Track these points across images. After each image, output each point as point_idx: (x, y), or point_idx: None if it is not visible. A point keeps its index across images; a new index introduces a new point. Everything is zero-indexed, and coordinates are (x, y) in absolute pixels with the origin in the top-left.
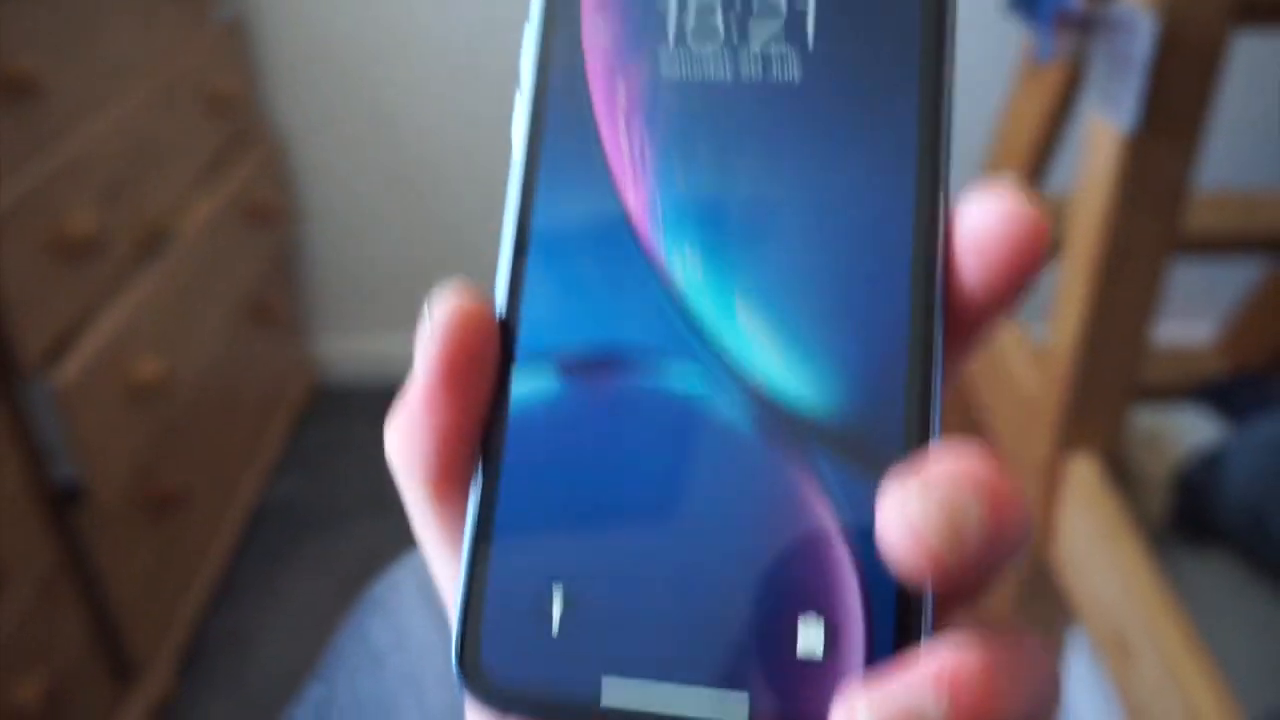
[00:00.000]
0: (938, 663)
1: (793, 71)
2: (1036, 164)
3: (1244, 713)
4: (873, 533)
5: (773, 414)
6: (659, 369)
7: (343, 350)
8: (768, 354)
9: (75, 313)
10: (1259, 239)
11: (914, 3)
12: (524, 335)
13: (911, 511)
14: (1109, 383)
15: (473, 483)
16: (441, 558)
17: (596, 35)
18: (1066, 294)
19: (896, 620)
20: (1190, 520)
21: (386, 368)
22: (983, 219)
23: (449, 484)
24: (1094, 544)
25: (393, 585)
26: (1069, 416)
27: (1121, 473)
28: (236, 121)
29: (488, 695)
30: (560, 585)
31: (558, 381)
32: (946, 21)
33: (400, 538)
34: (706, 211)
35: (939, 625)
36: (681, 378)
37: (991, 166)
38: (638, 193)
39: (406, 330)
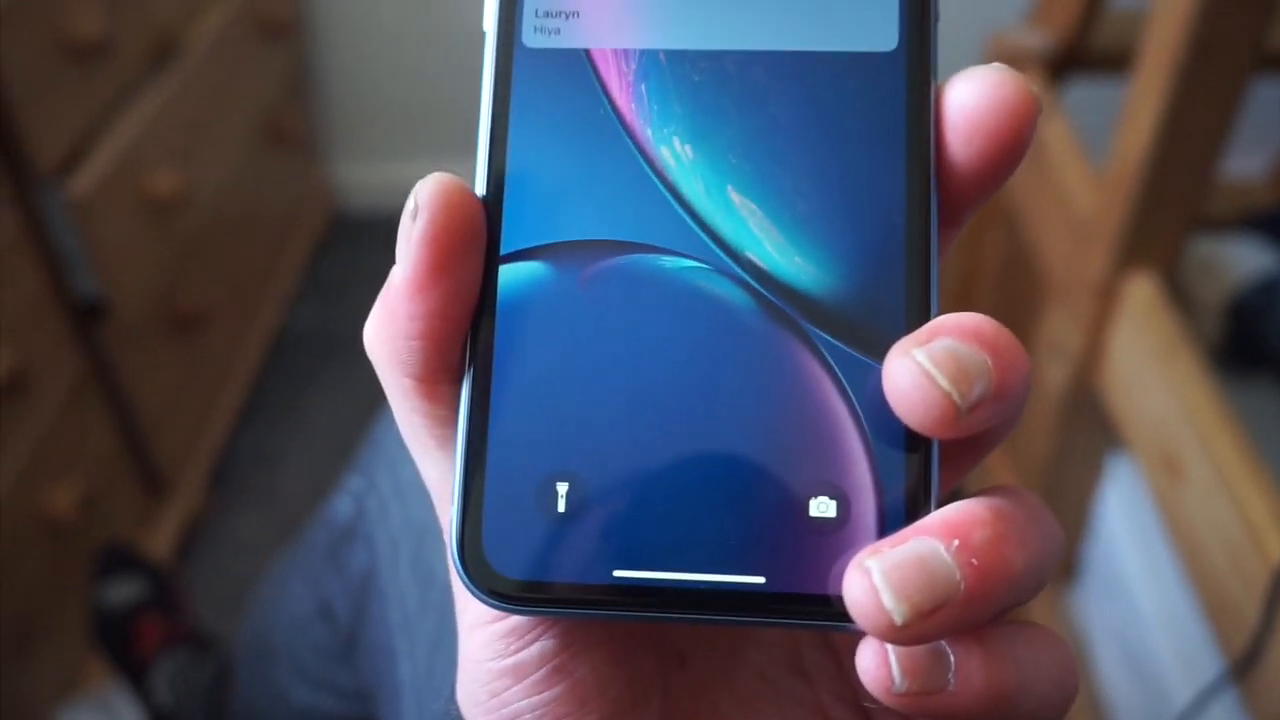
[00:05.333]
0: (946, 514)
1: None
2: None
3: None
4: (879, 409)
5: (773, 297)
6: (653, 255)
7: (360, 178)
8: (765, 238)
9: (87, 121)
10: None
11: None
12: (509, 226)
13: (921, 359)
14: (1176, 197)
15: (464, 376)
16: (430, 456)
17: None
18: (1138, 103)
19: (906, 492)
20: (1242, 348)
21: (404, 198)
22: (971, 95)
23: (436, 379)
24: (1148, 363)
25: None
26: (1130, 234)
27: (1176, 299)
28: None
29: (493, 590)
30: (563, 476)
31: (548, 271)
32: None
33: None
34: (695, 99)
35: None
36: (677, 263)
37: None
38: (622, 81)
39: (425, 159)
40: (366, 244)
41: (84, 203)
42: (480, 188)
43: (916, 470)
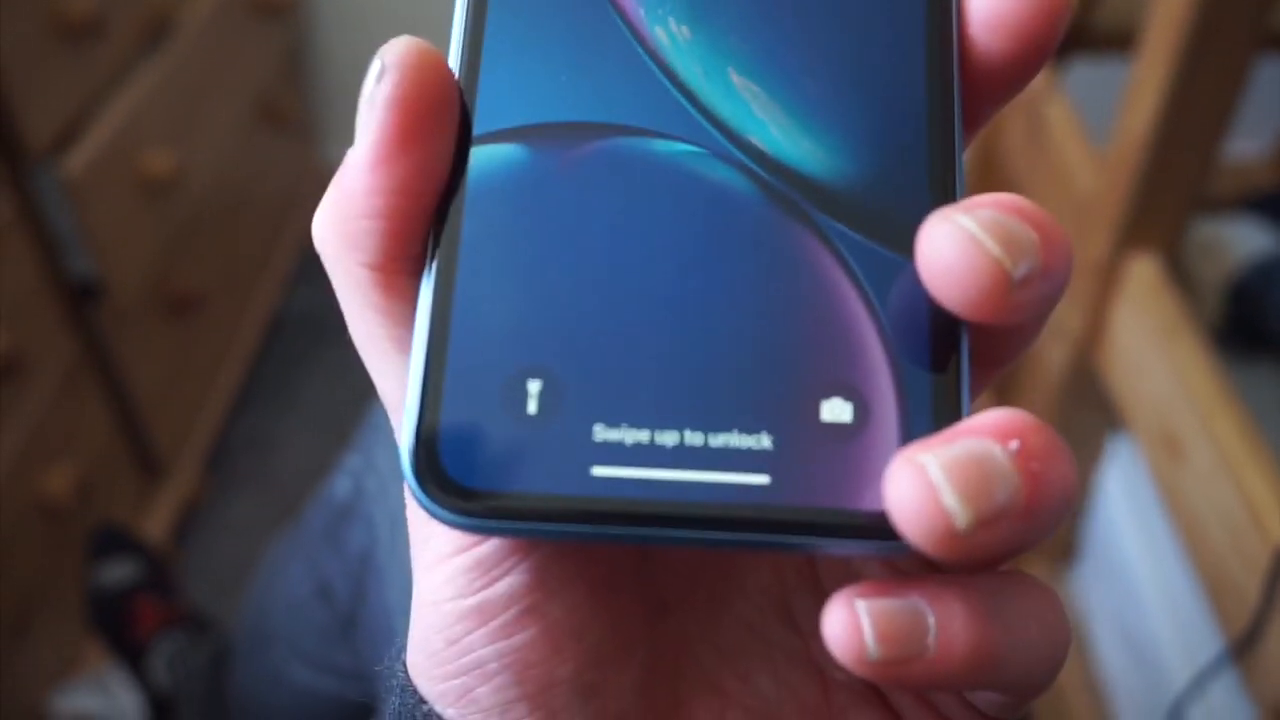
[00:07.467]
0: (996, 415)
1: None
2: None
3: None
4: (900, 303)
5: (778, 182)
6: (643, 138)
7: None
8: (770, 122)
9: (81, 101)
10: None
11: None
12: (484, 105)
13: (967, 224)
14: (1178, 178)
15: (426, 263)
16: (388, 362)
17: None
18: (1142, 82)
19: (934, 396)
20: (1242, 329)
21: None
22: None
23: (395, 268)
24: (1149, 343)
25: None
26: (1132, 214)
27: (1177, 279)
28: None
29: (451, 504)
30: (536, 373)
31: (525, 153)
32: None
33: None
34: None
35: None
36: (670, 146)
37: None
38: None
39: None
40: None
41: (78, 183)
42: (454, 63)
43: (944, 371)
